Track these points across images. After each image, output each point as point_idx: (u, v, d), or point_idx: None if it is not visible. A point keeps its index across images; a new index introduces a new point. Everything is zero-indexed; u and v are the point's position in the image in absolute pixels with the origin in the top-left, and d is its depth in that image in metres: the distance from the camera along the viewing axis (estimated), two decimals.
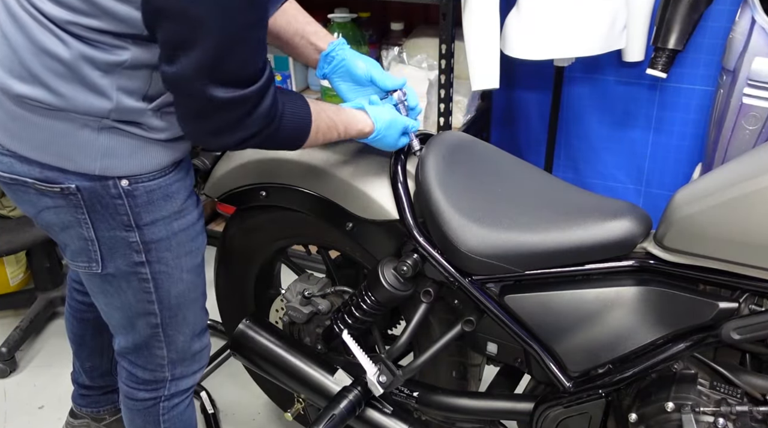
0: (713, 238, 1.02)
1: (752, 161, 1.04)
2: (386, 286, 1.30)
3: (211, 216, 2.79)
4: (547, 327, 1.20)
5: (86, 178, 1.09)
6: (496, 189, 1.30)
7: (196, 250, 1.26)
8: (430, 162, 1.28)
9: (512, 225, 1.20)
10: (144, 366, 1.33)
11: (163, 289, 1.23)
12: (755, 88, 1.78)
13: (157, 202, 1.15)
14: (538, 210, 1.24)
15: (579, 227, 1.17)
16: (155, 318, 1.26)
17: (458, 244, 1.20)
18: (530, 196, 1.29)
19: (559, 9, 1.92)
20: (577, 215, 1.19)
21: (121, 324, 1.29)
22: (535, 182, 1.34)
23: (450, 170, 1.29)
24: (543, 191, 1.31)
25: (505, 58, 2.01)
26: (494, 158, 1.39)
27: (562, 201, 1.27)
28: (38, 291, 2.30)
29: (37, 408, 2.01)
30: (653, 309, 1.12)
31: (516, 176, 1.35)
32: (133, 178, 1.11)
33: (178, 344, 1.31)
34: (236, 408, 2.01)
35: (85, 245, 1.17)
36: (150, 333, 1.28)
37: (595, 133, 2.47)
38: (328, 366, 1.46)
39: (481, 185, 1.30)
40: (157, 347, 1.30)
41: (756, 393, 1.10)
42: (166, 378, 1.35)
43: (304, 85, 2.63)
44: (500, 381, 1.45)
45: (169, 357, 1.32)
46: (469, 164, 1.34)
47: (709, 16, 2.07)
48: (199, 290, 1.31)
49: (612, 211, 1.18)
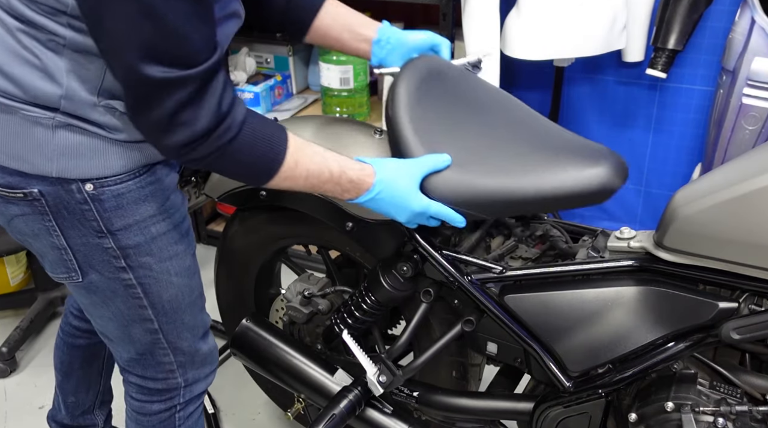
0: (713, 238, 1.02)
1: (752, 161, 1.04)
2: (386, 286, 1.30)
3: (211, 216, 2.79)
4: (547, 327, 1.20)
5: (47, 182, 1.04)
6: (469, 126, 1.24)
7: (182, 253, 1.19)
8: (401, 95, 1.21)
9: (483, 169, 1.16)
10: (154, 376, 1.28)
11: (153, 294, 1.18)
12: (755, 88, 1.78)
13: (128, 207, 1.09)
14: (511, 152, 1.20)
15: (554, 173, 1.13)
16: (152, 324, 1.21)
17: (428, 190, 1.16)
18: (505, 135, 1.24)
19: (559, 9, 1.92)
20: (553, 159, 1.16)
21: (117, 335, 1.23)
22: (512, 118, 1.28)
23: (421, 105, 1.22)
24: (519, 129, 1.25)
25: (505, 59, 2.02)
26: (471, 86, 1.32)
27: (539, 142, 1.22)
28: (38, 291, 2.30)
29: (37, 408, 2.01)
30: (653, 309, 1.12)
31: (492, 110, 1.29)
32: (98, 181, 1.05)
33: (183, 348, 1.26)
34: (236, 408, 2.01)
35: (59, 254, 1.12)
36: (150, 340, 1.23)
37: (595, 133, 2.47)
38: (328, 366, 1.46)
39: (453, 121, 1.24)
40: (162, 353, 1.25)
41: (756, 393, 1.10)
42: (179, 384, 1.30)
43: (304, 86, 2.63)
44: (500, 381, 1.45)
45: (178, 361, 1.27)
46: (443, 97, 1.26)
47: (708, 16, 2.07)
48: (194, 293, 1.26)
49: (590, 157, 1.15)
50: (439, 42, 1.33)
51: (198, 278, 1.27)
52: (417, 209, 1.14)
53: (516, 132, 1.25)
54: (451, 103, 1.26)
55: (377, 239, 1.35)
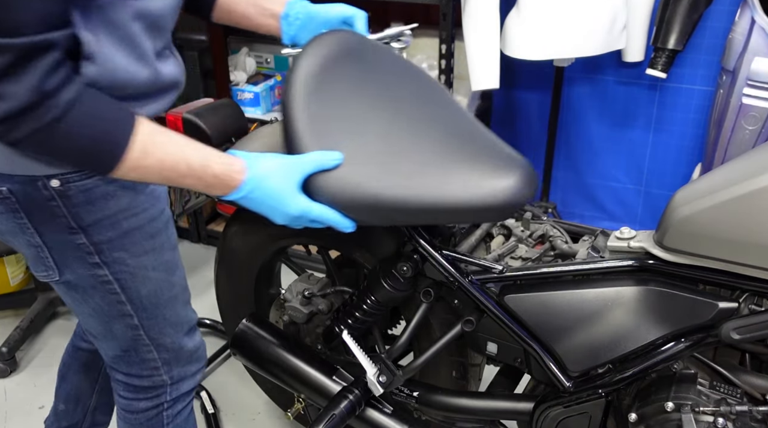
0: (713, 238, 1.02)
1: (752, 161, 1.04)
2: (386, 286, 1.30)
3: (211, 216, 2.79)
4: (546, 327, 1.20)
5: (14, 180, 1.02)
6: (376, 119, 1.10)
7: (159, 247, 1.16)
8: (298, 79, 1.09)
9: (377, 171, 1.05)
10: (139, 373, 1.27)
11: (130, 289, 1.15)
12: (755, 88, 1.78)
13: (97, 202, 1.05)
14: (416, 153, 1.08)
15: (455, 182, 1.03)
16: (132, 320, 1.19)
17: (312, 192, 1.05)
18: (414, 132, 1.11)
19: (559, 9, 1.93)
20: (459, 166, 1.06)
21: (100, 331, 1.22)
22: (428, 112, 1.15)
23: (322, 90, 1.09)
24: (433, 126, 1.12)
25: (505, 58, 2.02)
26: (387, 69, 1.18)
27: (451, 143, 1.11)
28: (38, 291, 2.31)
29: (37, 408, 2.01)
30: (653, 309, 1.12)
31: (407, 100, 1.15)
32: (63, 178, 1.02)
33: (166, 344, 1.25)
34: (236, 408, 2.01)
35: (36, 252, 1.10)
36: (132, 336, 1.21)
37: (595, 133, 2.47)
38: (328, 366, 1.46)
39: (358, 112, 1.10)
40: (146, 350, 1.23)
41: (756, 393, 1.10)
42: (165, 382, 1.29)
43: None
44: (500, 381, 1.45)
45: (162, 358, 1.26)
46: (350, 81, 1.12)
47: (708, 16, 2.07)
48: (175, 288, 1.22)
49: (498, 168, 1.06)
50: (353, 14, 1.21)
51: (180, 273, 1.24)
52: (293, 212, 1.05)
53: (428, 129, 1.12)
54: (358, 89, 1.12)
55: (377, 239, 1.35)
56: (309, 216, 1.06)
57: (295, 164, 1.05)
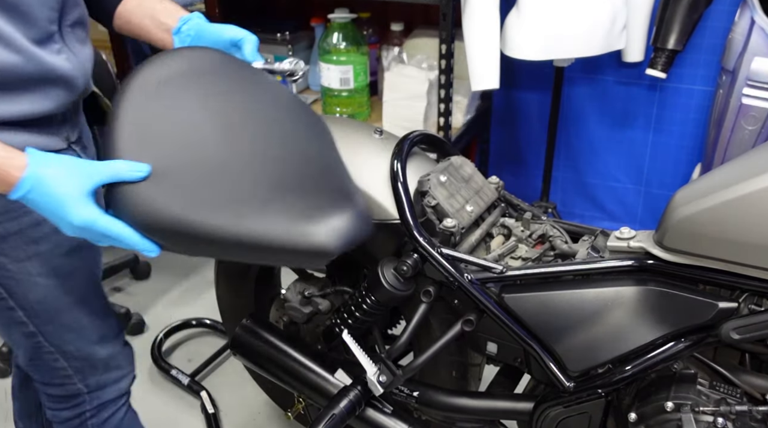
0: (713, 238, 1.02)
1: (752, 161, 1.04)
2: (386, 286, 1.30)
3: None
4: (546, 327, 1.20)
5: None
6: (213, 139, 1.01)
7: (46, 252, 1.08)
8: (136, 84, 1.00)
9: (183, 193, 0.95)
10: (50, 381, 1.22)
11: (17, 295, 1.10)
12: (755, 88, 1.78)
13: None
14: (238, 180, 0.99)
15: (265, 218, 0.95)
16: (27, 327, 1.14)
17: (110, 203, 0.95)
18: (248, 158, 1.02)
19: (559, 9, 1.93)
20: (279, 202, 0.98)
21: (7, 340, 1.18)
22: (276, 140, 1.06)
23: (160, 100, 1.00)
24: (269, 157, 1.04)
25: (505, 59, 2.02)
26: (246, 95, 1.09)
27: (285, 175, 1.03)
28: None
29: None
30: (653, 309, 1.12)
31: (258, 124, 1.07)
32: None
33: (71, 352, 1.19)
34: (236, 408, 2.01)
35: None
36: (33, 344, 1.16)
37: (595, 133, 2.47)
38: (328, 366, 1.46)
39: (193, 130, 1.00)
40: (51, 358, 1.18)
41: (756, 393, 1.10)
42: (81, 390, 1.23)
43: (304, 86, 2.63)
44: (500, 380, 1.45)
45: (72, 366, 1.20)
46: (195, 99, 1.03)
47: (708, 16, 2.08)
48: (73, 295, 1.14)
49: (322, 209, 0.99)
50: (242, 37, 1.17)
51: (81, 277, 1.16)
52: (76, 221, 0.91)
53: (267, 160, 1.03)
54: (203, 108, 1.03)
55: (377, 239, 1.35)
56: (94, 229, 0.93)
57: (88, 169, 0.94)
